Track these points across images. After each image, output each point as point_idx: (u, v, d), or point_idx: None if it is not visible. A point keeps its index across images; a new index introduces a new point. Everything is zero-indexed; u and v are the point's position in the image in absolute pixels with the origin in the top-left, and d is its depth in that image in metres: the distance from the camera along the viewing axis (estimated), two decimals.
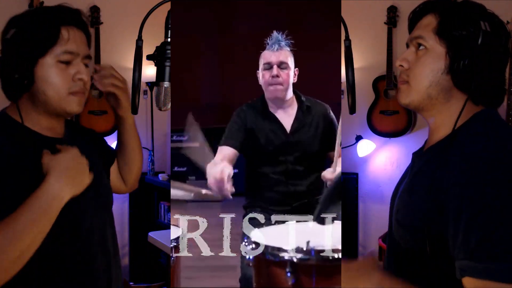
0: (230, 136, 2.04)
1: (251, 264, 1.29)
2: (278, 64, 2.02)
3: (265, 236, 1.29)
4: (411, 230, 1.09)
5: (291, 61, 2.06)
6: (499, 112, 1.16)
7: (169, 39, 1.37)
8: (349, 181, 3.80)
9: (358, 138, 3.74)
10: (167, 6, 1.41)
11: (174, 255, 1.51)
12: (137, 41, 1.36)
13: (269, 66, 2.03)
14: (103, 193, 1.41)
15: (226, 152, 1.99)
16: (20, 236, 1.08)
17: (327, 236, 1.26)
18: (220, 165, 1.76)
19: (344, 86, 3.62)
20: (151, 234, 2.61)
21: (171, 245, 1.52)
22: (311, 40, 7.22)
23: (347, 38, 1.44)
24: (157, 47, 1.36)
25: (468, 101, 1.11)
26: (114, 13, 3.81)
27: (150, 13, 1.33)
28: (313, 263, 1.15)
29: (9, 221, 1.09)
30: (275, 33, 2.05)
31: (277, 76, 2.01)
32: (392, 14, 3.55)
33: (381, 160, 3.78)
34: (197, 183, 5.72)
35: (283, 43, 2.04)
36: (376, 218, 3.78)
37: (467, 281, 0.98)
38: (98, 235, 1.34)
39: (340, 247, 1.21)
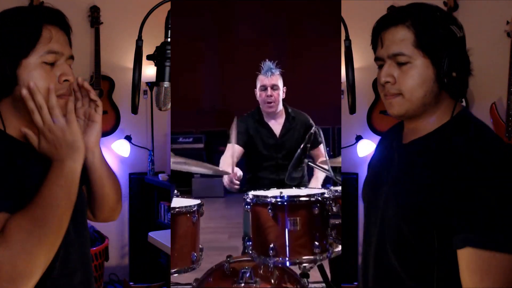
0: (238, 137, 2.57)
1: (249, 210, 1.90)
2: (271, 87, 2.66)
3: (257, 192, 2.01)
4: (415, 211, 1.14)
5: (280, 83, 2.70)
6: (499, 112, 1.25)
7: (169, 39, 1.37)
8: (349, 181, 3.80)
9: (358, 138, 3.74)
10: (167, 6, 1.41)
11: (196, 216, 1.95)
12: (137, 41, 1.36)
13: (264, 88, 2.68)
14: (79, 208, 1.27)
15: (234, 148, 2.49)
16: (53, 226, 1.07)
17: (294, 190, 2.08)
18: (234, 168, 2.31)
19: (344, 86, 3.62)
20: (151, 234, 2.61)
21: (194, 208, 1.94)
22: (311, 41, 7.23)
23: (347, 38, 1.45)
24: (157, 47, 1.36)
25: (449, 97, 1.19)
26: (114, 13, 3.81)
27: (150, 13, 1.33)
28: (285, 204, 1.82)
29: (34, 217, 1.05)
30: (267, 62, 2.68)
31: (271, 95, 2.66)
32: None
33: None
34: (202, 181, 6.14)
35: (274, 70, 2.67)
36: None
37: (467, 251, 1.05)
38: (77, 252, 1.25)
39: (301, 194, 1.87)
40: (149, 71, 3.23)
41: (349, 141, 3.79)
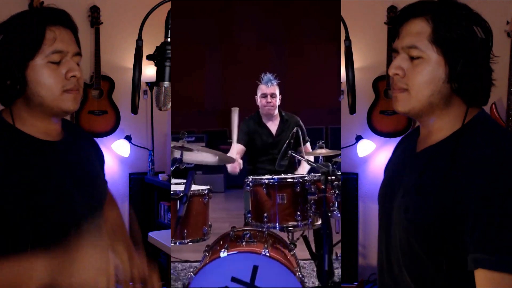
0: (241, 137, 3.23)
1: (249, 190, 2.51)
2: (270, 95, 3.22)
3: (255, 177, 2.57)
4: (424, 227, 1.09)
5: (278, 92, 3.26)
6: (499, 112, 1.17)
7: (169, 39, 1.37)
8: (349, 181, 3.80)
9: (358, 138, 3.74)
10: (167, 6, 1.41)
11: (207, 197, 2.46)
12: (137, 41, 1.37)
13: (264, 96, 3.24)
14: (96, 196, 1.37)
15: (238, 147, 3.20)
16: None
17: (283, 175, 2.61)
18: (238, 160, 3.01)
19: (344, 86, 3.62)
20: (151, 234, 2.62)
21: (205, 192, 2.44)
22: (310, 42, 7.23)
23: (347, 38, 1.45)
24: (157, 47, 1.36)
25: (463, 103, 1.13)
26: (114, 13, 3.81)
27: (150, 13, 1.33)
28: (276, 184, 2.44)
29: None
30: (268, 74, 3.24)
31: (270, 102, 3.23)
32: (392, 14, 3.55)
33: (381, 160, 3.78)
34: (204, 177, 6.48)
35: (273, 81, 3.23)
36: (376, 218, 3.75)
37: (480, 273, 0.99)
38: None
39: (287, 177, 2.50)
40: (149, 71, 3.23)
41: (349, 141, 3.79)
